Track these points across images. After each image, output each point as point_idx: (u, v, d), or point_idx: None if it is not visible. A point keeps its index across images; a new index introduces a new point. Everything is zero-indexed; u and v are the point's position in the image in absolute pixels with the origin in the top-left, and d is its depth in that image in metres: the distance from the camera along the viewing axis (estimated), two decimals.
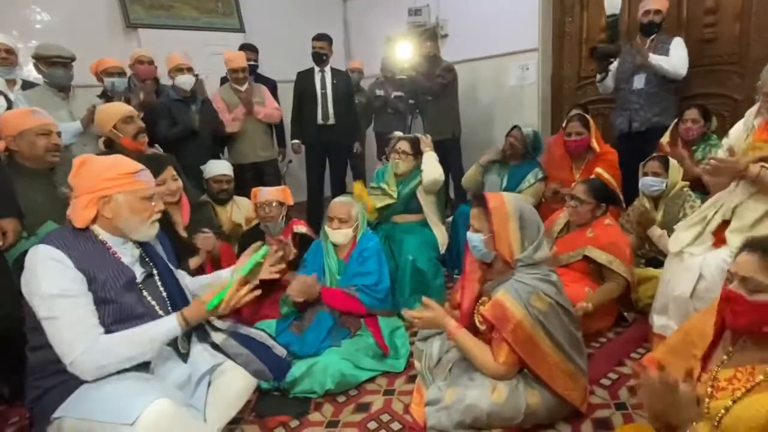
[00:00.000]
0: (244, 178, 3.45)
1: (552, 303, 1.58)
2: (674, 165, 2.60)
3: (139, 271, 1.41)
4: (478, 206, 1.73)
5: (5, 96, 2.59)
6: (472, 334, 1.71)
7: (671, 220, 2.48)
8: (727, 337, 1.16)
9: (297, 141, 4.07)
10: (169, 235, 1.69)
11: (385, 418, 1.79)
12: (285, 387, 1.90)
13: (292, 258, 2.40)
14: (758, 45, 3.11)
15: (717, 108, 3.25)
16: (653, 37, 3.11)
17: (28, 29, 3.83)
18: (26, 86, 2.91)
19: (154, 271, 1.46)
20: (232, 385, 1.49)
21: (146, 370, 1.34)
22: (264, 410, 1.84)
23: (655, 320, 2.05)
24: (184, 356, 1.43)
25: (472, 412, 1.57)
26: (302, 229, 2.59)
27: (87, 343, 1.22)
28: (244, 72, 3.59)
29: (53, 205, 2.02)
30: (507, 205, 1.66)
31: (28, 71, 3.28)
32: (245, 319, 2.21)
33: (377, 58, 4.74)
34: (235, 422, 1.72)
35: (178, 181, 2.21)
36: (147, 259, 1.45)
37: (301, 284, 2.07)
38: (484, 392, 1.59)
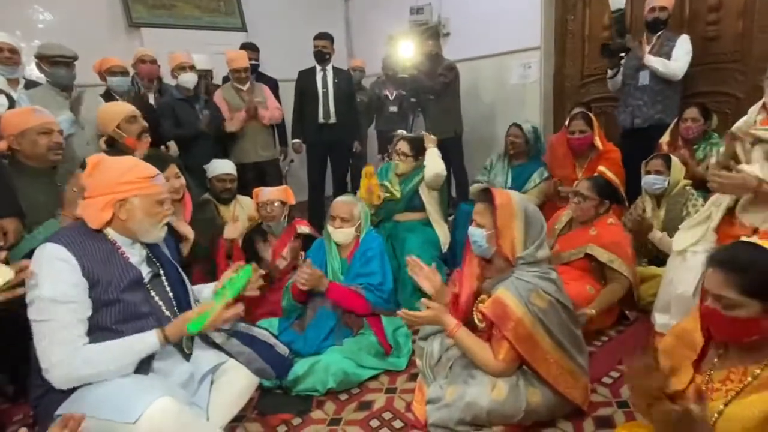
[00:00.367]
0: (245, 177, 3.44)
1: (552, 301, 1.59)
2: (676, 163, 2.59)
3: (146, 271, 1.42)
4: (484, 201, 1.72)
5: (7, 95, 2.60)
6: (471, 330, 1.71)
7: (674, 218, 2.48)
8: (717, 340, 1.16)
9: (298, 140, 4.07)
10: (171, 232, 1.70)
11: (387, 415, 1.80)
12: (287, 385, 1.90)
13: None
14: (761, 43, 3.09)
15: (719, 106, 3.23)
16: (659, 34, 3.10)
17: (30, 29, 3.84)
18: (29, 85, 2.91)
19: (161, 271, 1.47)
20: (234, 384, 1.49)
21: (147, 369, 1.34)
22: (266, 408, 1.85)
23: (657, 319, 2.04)
24: (187, 355, 1.44)
25: (472, 409, 1.57)
26: (305, 229, 2.59)
27: (64, 354, 1.21)
28: (246, 72, 3.58)
29: (55, 204, 2.03)
30: (513, 203, 1.66)
31: (30, 70, 3.28)
32: (247, 318, 2.22)
33: (379, 57, 4.74)
34: (238, 420, 1.73)
35: (181, 179, 2.22)
36: (154, 260, 1.46)
37: (310, 274, 2.02)
38: (484, 390, 1.59)
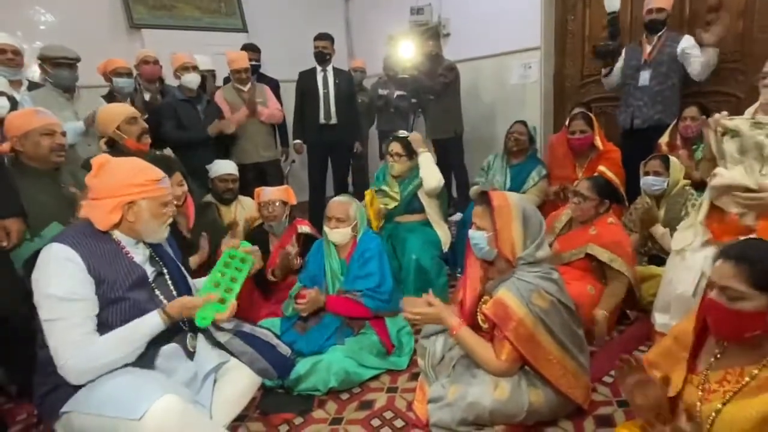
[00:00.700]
0: (246, 178, 3.44)
1: (553, 301, 1.59)
2: (675, 163, 2.60)
3: (149, 270, 1.43)
4: (481, 204, 1.74)
5: (9, 97, 2.61)
6: (475, 332, 1.72)
7: (673, 218, 2.49)
8: (713, 339, 1.16)
9: (299, 141, 4.08)
10: (174, 236, 1.71)
11: (389, 415, 1.81)
12: (289, 385, 1.91)
13: (297, 266, 2.42)
14: (761, 43, 3.10)
15: (719, 106, 3.21)
16: (660, 34, 3.10)
17: (32, 30, 3.84)
18: (32, 87, 2.92)
19: (164, 270, 1.48)
20: (237, 383, 1.51)
21: (152, 367, 1.36)
22: (268, 407, 1.86)
23: (657, 318, 2.05)
24: (191, 354, 1.45)
25: (474, 409, 1.58)
26: (306, 229, 2.60)
27: (76, 350, 1.22)
28: (246, 72, 3.59)
29: (58, 205, 2.04)
30: (510, 204, 1.67)
31: (32, 72, 3.29)
32: (249, 318, 2.23)
33: (379, 57, 4.74)
34: (240, 419, 1.74)
35: (184, 187, 2.25)
36: (156, 259, 1.48)
37: (306, 302, 2.05)
38: (486, 389, 1.60)
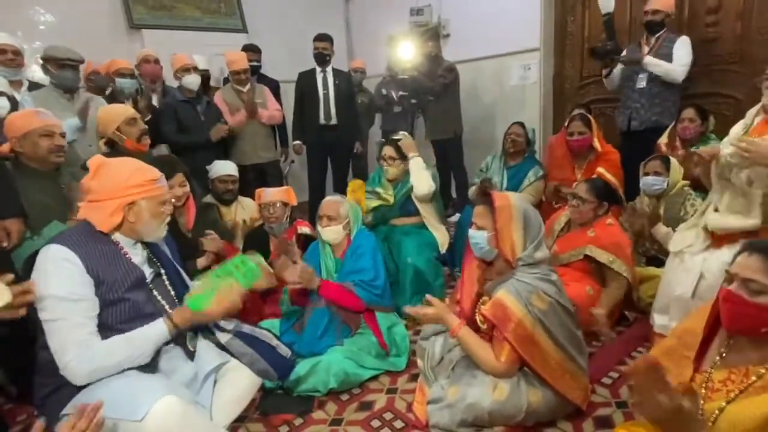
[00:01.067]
0: (246, 179, 3.44)
1: (552, 302, 1.60)
2: (675, 164, 2.60)
3: (147, 271, 1.44)
4: (483, 204, 1.74)
5: (10, 97, 2.61)
6: (474, 332, 1.72)
7: (672, 218, 2.49)
8: (720, 338, 1.16)
9: (298, 142, 4.08)
10: (175, 238, 1.71)
11: (388, 416, 1.81)
12: (289, 386, 1.91)
13: (296, 260, 2.42)
14: (760, 44, 3.11)
15: (719, 108, 3.24)
16: (659, 36, 3.11)
17: (31, 30, 3.84)
18: (32, 87, 2.92)
19: (162, 271, 1.48)
20: (237, 384, 1.50)
21: (152, 368, 1.36)
22: (268, 408, 1.86)
23: (656, 320, 2.05)
24: (191, 354, 1.45)
25: (473, 410, 1.58)
26: (306, 230, 2.60)
27: (80, 350, 1.23)
28: (245, 74, 3.58)
29: (58, 206, 2.04)
30: (512, 205, 1.67)
31: (32, 72, 3.29)
32: (248, 319, 2.23)
33: (379, 58, 4.75)
34: (240, 420, 1.74)
35: (186, 187, 2.26)
36: (154, 260, 1.48)
37: (301, 270, 2.04)
38: (485, 390, 1.60)
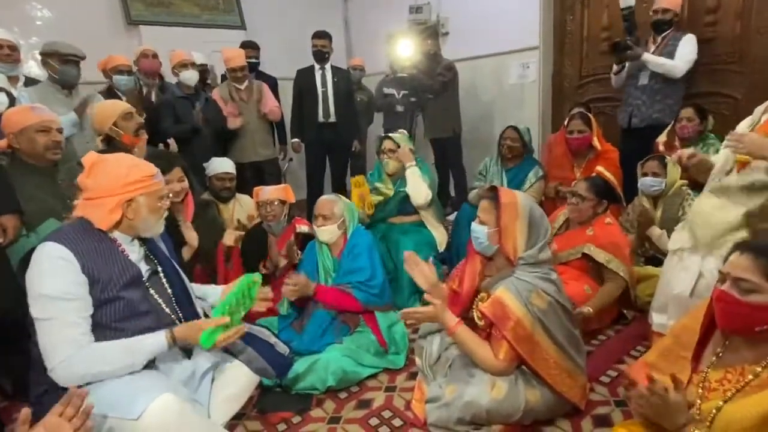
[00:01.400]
0: (244, 176, 3.44)
1: (551, 301, 1.60)
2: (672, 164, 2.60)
3: (144, 269, 1.42)
4: (489, 199, 1.73)
5: (7, 92, 2.59)
6: (470, 328, 1.71)
7: (670, 218, 2.49)
8: (716, 338, 1.16)
9: (297, 140, 4.07)
10: (173, 235, 1.70)
11: (387, 414, 1.81)
12: (287, 383, 1.91)
13: (297, 262, 2.42)
14: (759, 44, 3.11)
15: (718, 107, 3.25)
16: (665, 34, 3.10)
17: (28, 26, 3.82)
18: (29, 83, 2.91)
19: (159, 269, 1.47)
20: (234, 382, 1.50)
21: (149, 366, 1.35)
22: (266, 406, 1.86)
23: (655, 318, 2.05)
24: (188, 352, 1.45)
25: (471, 408, 1.58)
26: (305, 228, 2.59)
27: (71, 351, 1.21)
28: (242, 71, 3.57)
29: (55, 202, 2.03)
30: (519, 203, 1.67)
31: (28, 68, 3.27)
32: (247, 317, 2.22)
33: (378, 56, 4.74)
34: (238, 418, 1.73)
35: (184, 183, 2.23)
36: (151, 257, 1.47)
37: (294, 284, 2.06)
38: (483, 389, 1.60)
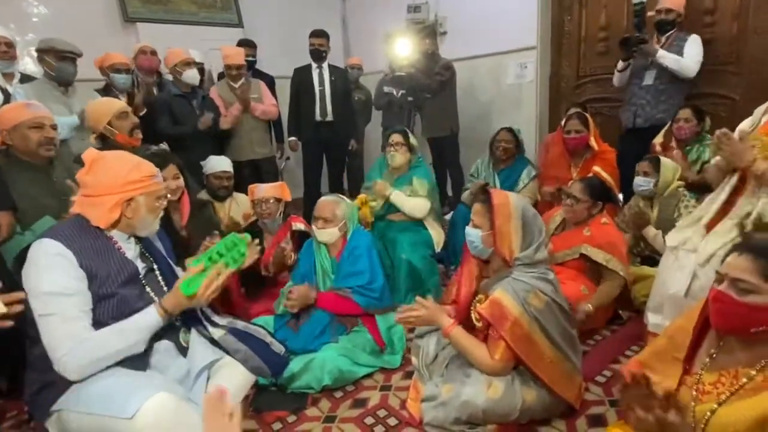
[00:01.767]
0: (241, 175, 3.43)
1: (548, 301, 1.60)
2: (668, 165, 2.60)
3: (140, 266, 1.42)
4: (481, 202, 1.73)
5: (2, 89, 2.58)
6: (468, 330, 1.72)
7: (666, 219, 2.49)
8: (710, 339, 1.16)
9: (293, 138, 4.06)
10: (169, 234, 1.70)
11: (382, 413, 1.81)
12: (282, 382, 1.91)
13: (291, 263, 2.41)
14: (756, 45, 3.12)
15: (715, 108, 3.25)
16: (669, 34, 3.10)
17: (24, 22, 3.79)
18: (24, 80, 2.89)
19: (155, 266, 1.47)
20: (230, 381, 1.48)
21: (144, 364, 1.34)
22: (262, 405, 1.86)
23: (650, 318, 2.05)
24: (184, 351, 1.44)
25: (467, 408, 1.58)
26: (300, 226, 2.58)
27: (74, 344, 1.21)
28: (239, 69, 3.55)
29: (51, 200, 2.02)
30: (511, 204, 1.67)
31: (24, 65, 3.25)
32: (242, 315, 2.22)
33: (376, 55, 4.73)
34: None
35: (179, 180, 2.19)
36: (147, 254, 1.47)
37: (296, 298, 2.07)
38: (480, 388, 1.60)
